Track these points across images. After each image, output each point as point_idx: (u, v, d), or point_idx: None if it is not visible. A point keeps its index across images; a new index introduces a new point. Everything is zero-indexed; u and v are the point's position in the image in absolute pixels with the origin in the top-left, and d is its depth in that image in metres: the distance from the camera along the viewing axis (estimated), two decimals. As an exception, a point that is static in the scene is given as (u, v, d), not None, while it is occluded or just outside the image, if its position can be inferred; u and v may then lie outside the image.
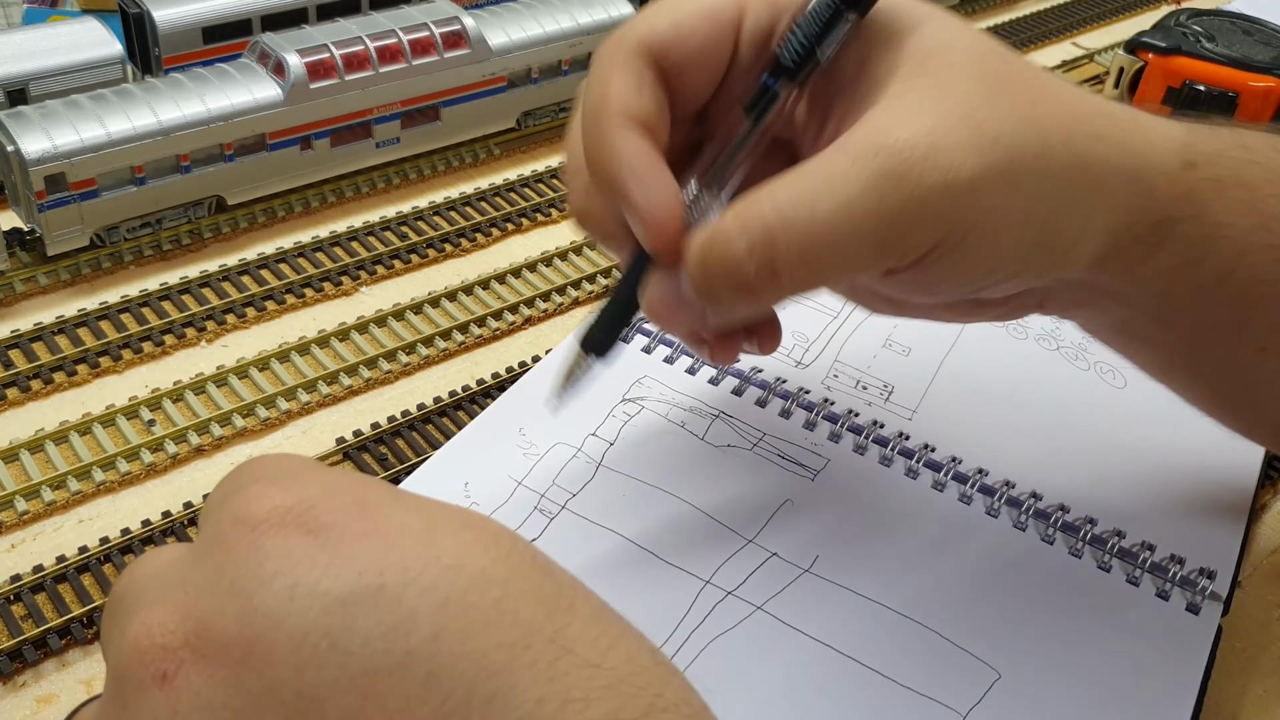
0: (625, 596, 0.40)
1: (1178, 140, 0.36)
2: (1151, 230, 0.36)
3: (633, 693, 0.24)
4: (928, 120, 0.32)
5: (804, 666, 0.38)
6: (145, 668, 0.25)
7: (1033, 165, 0.33)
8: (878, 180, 0.32)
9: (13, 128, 0.56)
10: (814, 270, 0.33)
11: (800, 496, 0.44)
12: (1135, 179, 0.35)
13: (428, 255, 0.63)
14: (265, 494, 0.26)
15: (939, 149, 0.32)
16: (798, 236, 0.32)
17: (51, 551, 0.44)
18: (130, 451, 0.49)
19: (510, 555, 0.26)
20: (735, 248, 0.33)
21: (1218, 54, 0.76)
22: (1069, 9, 1.02)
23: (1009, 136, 0.33)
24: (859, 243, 0.32)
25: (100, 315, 0.56)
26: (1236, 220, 0.36)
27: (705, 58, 0.36)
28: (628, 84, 0.35)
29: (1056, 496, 0.44)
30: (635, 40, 0.36)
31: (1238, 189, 0.36)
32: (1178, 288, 0.37)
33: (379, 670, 0.24)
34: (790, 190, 0.32)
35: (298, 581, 0.24)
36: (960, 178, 0.32)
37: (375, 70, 0.65)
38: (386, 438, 0.50)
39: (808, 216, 0.32)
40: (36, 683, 0.40)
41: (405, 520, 0.26)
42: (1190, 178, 0.36)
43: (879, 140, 0.32)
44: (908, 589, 0.41)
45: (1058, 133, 0.34)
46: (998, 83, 0.34)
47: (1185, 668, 0.39)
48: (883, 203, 0.32)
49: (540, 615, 0.25)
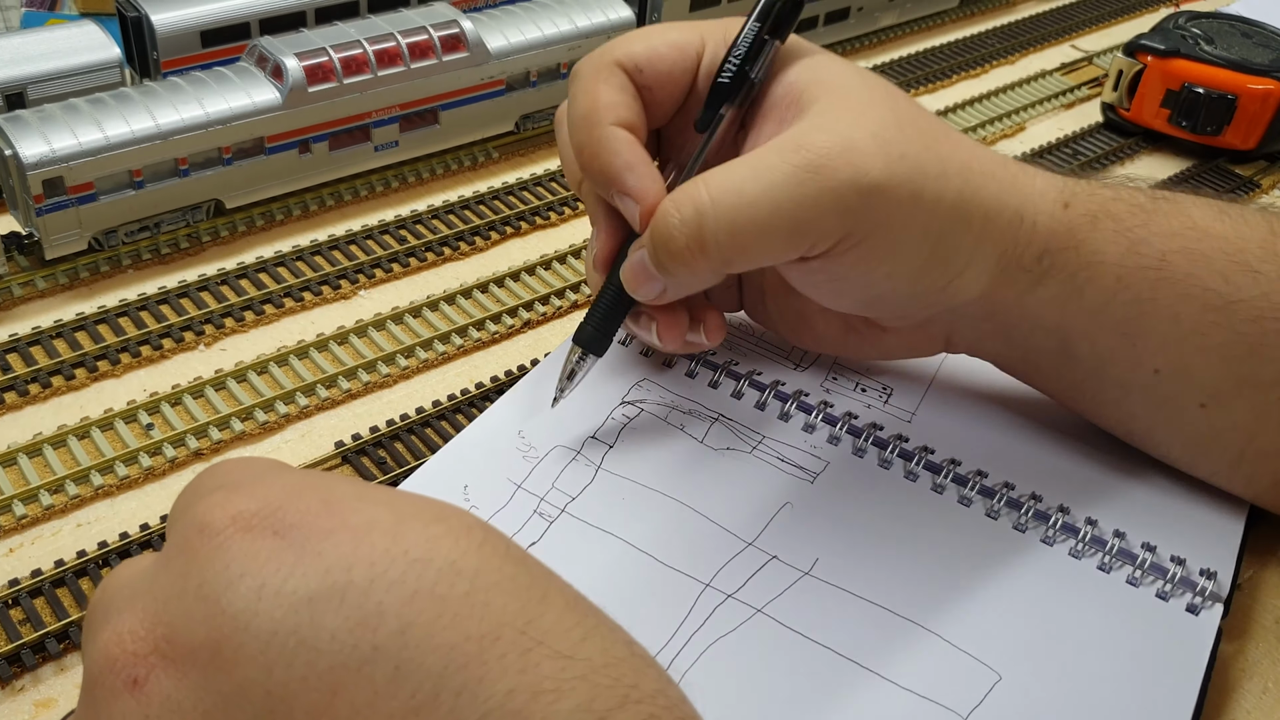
0: (625, 599, 0.40)
1: (1055, 185, 0.42)
2: (1036, 260, 0.41)
3: (607, 684, 0.25)
4: (845, 131, 0.38)
5: (804, 669, 0.38)
6: (116, 674, 0.25)
7: (933, 185, 0.39)
8: (798, 171, 0.37)
9: (10, 132, 0.56)
10: (738, 244, 0.38)
11: (800, 499, 0.44)
12: (1020, 215, 0.41)
13: (426, 259, 0.63)
14: (229, 500, 0.27)
15: (852, 151, 0.38)
16: (725, 213, 0.38)
17: (49, 556, 0.44)
18: (128, 456, 0.49)
19: (482, 547, 0.26)
20: (670, 220, 0.39)
21: (1217, 56, 0.76)
22: (1068, 11, 1.02)
23: (913, 156, 0.38)
24: (778, 222, 0.38)
25: (98, 319, 0.56)
26: (1109, 248, 0.41)
27: (672, 81, 0.43)
28: (613, 91, 0.42)
29: (1056, 498, 0.44)
30: (614, 58, 0.42)
31: (1108, 220, 0.41)
32: (1069, 317, 0.42)
33: (346, 666, 0.24)
34: (722, 175, 0.38)
35: (265, 582, 0.25)
36: (869, 179, 0.37)
37: (374, 74, 0.65)
38: (385, 441, 0.50)
39: (735, 196, 0.38)
40: (35, 687, 0.40)
41: (374, 515, 0.26)
42: (1067, 215, 0.41)
43: (801, 141, 0.38)
44: (908, 591, 0.41)
45: (954, 165, 0.40)
46: (905, 117, 0.40)
47: (1185, 669, 0.39)
48: (801, 189, 0.37)
49: (512, 607, 0.25)
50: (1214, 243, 0.41)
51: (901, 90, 0.42)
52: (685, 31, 0.44)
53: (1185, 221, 0.41)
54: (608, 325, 0.44)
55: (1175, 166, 0.78)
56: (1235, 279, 0.41)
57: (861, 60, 0.90)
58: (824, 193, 0.37)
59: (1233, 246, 0.41)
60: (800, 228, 0.38)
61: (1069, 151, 0.79)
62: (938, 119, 0.42)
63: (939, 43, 0.94)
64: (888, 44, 0.94)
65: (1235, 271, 0.41)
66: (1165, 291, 0.41)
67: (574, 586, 0.27)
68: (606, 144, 0.41)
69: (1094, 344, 0.42)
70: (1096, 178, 0.44)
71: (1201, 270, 0.41)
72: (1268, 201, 0.75)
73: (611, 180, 0.41)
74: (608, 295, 0.44)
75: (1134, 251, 0.41)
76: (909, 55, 0.91)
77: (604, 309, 0.44)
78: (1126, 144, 0.80)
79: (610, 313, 0.44)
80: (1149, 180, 0.75)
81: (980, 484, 0.45)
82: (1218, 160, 0.78)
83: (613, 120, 0.41)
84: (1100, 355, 0.42)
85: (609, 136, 0.41)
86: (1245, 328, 0.41)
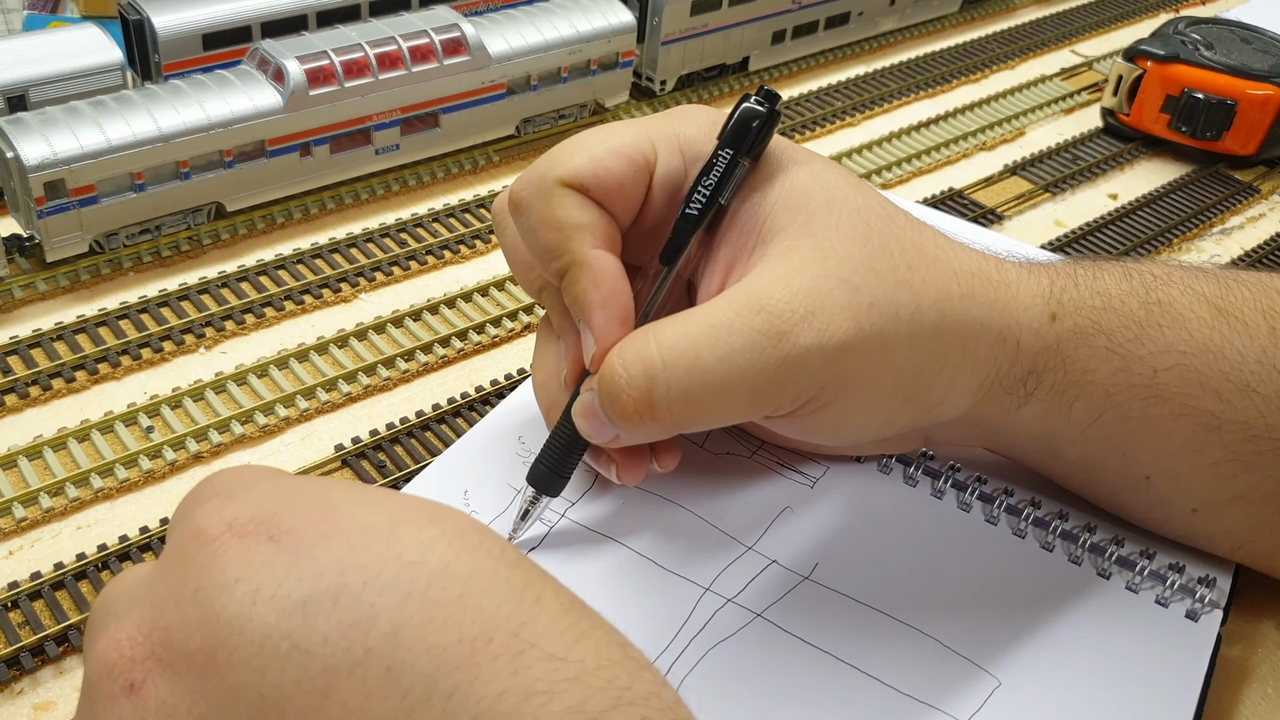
0: (625, 604, 0.40)
1: (1041, 295, 0.39)
2: (1021, 382, 0.39)
3: (600, 685, 0.25)
4: (808, 282, 0.35)
5: (804, 673, 0.38)
6: (114, 679, 0.26)
7: (905, 328, 0.36)
8: (758, 336, 0.34)
9: (12, 134, 0.56)
10: (693, 410, 0.35)
11: (799, 504, 0.44)
12: (1002, 336, 0.38)
13: (427, 262, 0.63)
14: (224, 507, 0.27)
15: (816, 312, 0.35)
16: (678, 377, 0.35)
17: (49, 558, 0.44)
18: (129, 458, 0.49)
19: (476, 550, 0.26)
20: (617, 379, 0.35)
21: (1216, 62, 0.76)
22: (1068, 17, 1.02)
23: (884, 301, 0.36)
24: (737, 390, 0.35)
25: (99, 322, 0.56)
26: (1100, 365, 0.39)
27: (623, 194, 0.38)
28: (575, 210, 0.38)
29: (1056, 504, 0.44)
30: (556, 177, 0.38)
31: (1098, 336, 0.39)
32: (1056, 428, 0.40)
33: (338, 668, 0.24)
34: (676, 334, 0.35)
35: (259, 587, 0.25)
36: (835, 339, 0.35)
37: (375, 77, 0.65)
38: (386, 445, 0.50)
39: (690, 361, 0.35)
40: (34, 690, 0.40)
41: (368, 519, 0.27)
42: (1054, 331, 0.39)
43: (762, 299, 0.35)
44: (907, 596, 0.41)
45: (930, 294, 0.37)
46: (877, 245, 0.37)
47: (1185, 675, 0.39)
48: (762, 356, 0.34)
49: (505, 609, 0.25)
50: (1209, 359, 0.39)
51: (876, 195, 0.39)
52: (629, 136, 0.39)
53: (1180, 335, 0.39)
54: (563, 465, 0.40)
55: (1175, 172, 0.78)
56: (1230, 399, 0.39)
57: (861, 65, 0.90)
58: (786, 360, 0.34)
59: (1229, 364, 0.39)
60: (760, 396, 0.35)
61: (1068, 156, 0.79)
62: (915, 227, 0.39)
63: (939, 47, 0.94)
64: (888, 49, 0.94)
65: (1231, 391, 0.39)
66: (1157, 410, 0.39)
67: (570, 590, 0.27)
68: (589, 272, 0.37)
69: (1083, 452, 0.41)
70: (1089, 263, 0.42)
71: (1195, 390, 0.39)
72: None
73: (583, 311, 0.37)
74: (563, 432, 0.40)
75: (1125, 369, 0.39)
76: (909, 60, 0.91)
77: (559, 446, 0.40)
78: (1126, 149, 0.80)
79: (566, 451, 0.40)
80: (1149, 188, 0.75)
81: (979, 490, 0.45)
82: (1217, 165, 0.78)
83: (591, 244, 0.37)
84: (1090, 461, 0.42)
85: (592, 263, 0.37)
86: (1240, 447, 0.39)
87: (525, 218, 0.38)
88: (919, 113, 0.83)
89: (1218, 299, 0.40)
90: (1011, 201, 0.73)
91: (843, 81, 0.86)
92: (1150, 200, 0.74)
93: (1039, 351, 0.39)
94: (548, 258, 0.38)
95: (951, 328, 0.37)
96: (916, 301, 0.36)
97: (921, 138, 0.80)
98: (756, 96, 0.38)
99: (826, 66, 0.90)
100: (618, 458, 0.40)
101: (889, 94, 0.86)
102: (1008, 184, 0.76)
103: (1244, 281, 0.41)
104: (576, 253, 0.37)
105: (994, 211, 0.72)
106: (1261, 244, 0.71)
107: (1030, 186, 0.75)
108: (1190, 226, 0.72)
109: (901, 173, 0.76)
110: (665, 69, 0.80)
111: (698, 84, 0.84)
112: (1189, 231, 0.72)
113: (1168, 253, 0.70)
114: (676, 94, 0.82)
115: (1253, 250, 0.70)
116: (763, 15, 0.83)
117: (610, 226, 0.38)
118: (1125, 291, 0.40)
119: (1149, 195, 0.75)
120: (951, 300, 0.37)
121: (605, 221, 0.38)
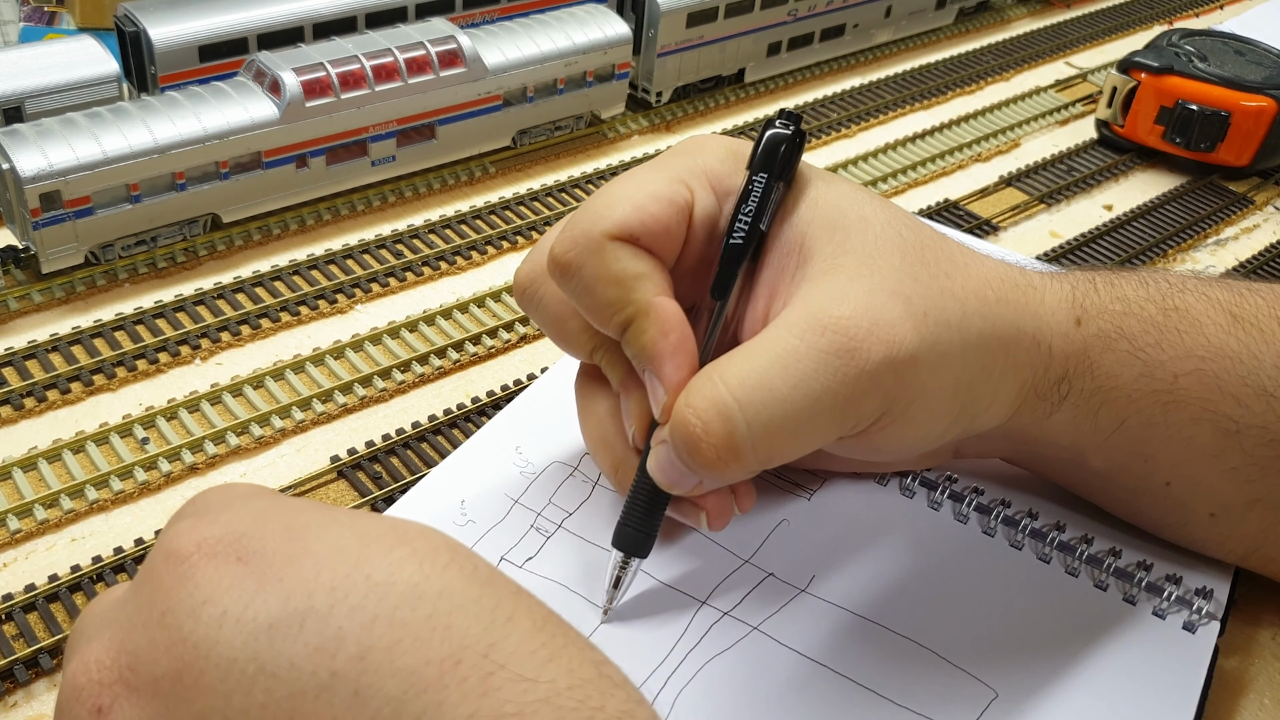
0: (622, 616, 0.40)
1: (1066, 300, 0.40)
2: (1054, 387, 0.39)
3: (571, 706, 0.24)
4: (863, 297, 0.35)
5: (801, 686, 0.38)
6: (82, 703, 0.26)
7: (957, 336, 0.36)
8: (828, 357, 0.34)
9: (8, 146, 0.56)
10: (777, 443, 0.34)
11: (796, 517, 0.44)
12: (1036, 341, 0.38)
13: (423, 273, 0.63)
14: (194, 528, 0.27)
15: (880, 324, 0.34)
16: (757, 415, 0.33)
17: (44, 570, 0.44)
18: (124, 470, 0.48)
19: (447, 569, 0.26)
20: (692, 429, 0.34)
21: (1210, 74, 0.77)
22: (1062, 29, 1.02)
23: (935, 310, 0.36)
24: (819, 414, 0.34)
25: (95, 333, 0.56)
26: (1123, 371, 0.39)
27: (670, 237, 0.38)
28: (632, 261, 0.37)
29: (1053, 515, 0.44)
30: (603, 231, 0.37)
31: (1120, 340, 0.40)
32: (1083, 436, 0.41)
33: (305, 692, 0.24)
34: (742, 370, 0.34)
35: (226, 609, 0.25)
36: (905, 351, 0.34)
37: (371, 89, 0.65)
38: (381, 456, 0.50)
39: (765, 395, 0.34)
40: (28, 703, 0.40)
41: (338, 540, 0.26)
42: (1080, 335, 0.39)
43: (822, 318, 0.34)
44: (904, 608, 0.41)
45: (972, 301, 0.37)
46: (915, 256, 0.37)
47: (1182, 687, 0.39)
48: (835, 377, 0.34)
49: (474, 630, 0.25)
50: (1226, 364, 0.39)
51: (899, 209, 0.39)
52: (662, 180, 0.38)
53: (1198, 340, 0.40)
54: (649, 523, 0.39)
55: (1169, 183, 0.78)
56: (1248, 403, 0.39)
57: (856, 77, 0.90)
58: (861, 377, 0.34)
59: (1246, 368, 0.39)
60: (841, 415, 0.35)
61: (1063, 168, 0.79)
62: (941, 238, 0.39)
63: (934, 59, 0.94)
64: (883, 60, 0.94)
65: (1248, 396, 0.39)
66: (1177, 415, 0.40)
67: (546, 606, 0.27)
68: (656, 321, 0.36)
69: (1107, 459, 0.41)
70: (1106, 271, 0.42)
71: (1214, 395, 0.39)
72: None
73: (652, 360, 0.36)
74: (643, 489, 0.39)
75: (1147, 374, 0.39)
76: (904, 72, 0.91)
77: (642, 504, 0.39)
78: (1120, 160, 0.80)
79: (649, 508, 0.39)
80: (1144, 199, 0.75)
81: (977, 501, 0.45)
82: (1211, 176, 0.78)
83: (653, 292, 0.36)
84: (1112, 468, 0.42)
85: (658, 311, 0.36)
86: (1259, 451, 0.40)
87: (577, 278, 0.37)
88: (914, 124, 0.84)
89: (1233, 306, 0.41)
90: (1007, 213, 0.73)
91: (838, 93, 0.87)
92: (1145, 211, 0.75)
93: (1068, 356, 0.39)
94: (609, 313, 0.37)
95: (994, 333, 0.37)
96: (962, 309, 0.36)
97: (917, 149, 0.80)
98: (780, 120, 0.38)
99: (822, 78, 0.90)
100: (707, 505, 0.39)
101: (884, 106, 0.86)
102: (1003, 195, 0.76)
103: (1257, 290, 0.42)
104: (640, 303, 0.36)
105: (989, 223, 0.72)
106: (1256, 255, 0.71)
107: (1025, 198, 0.75)
108: (1185, 237, 0.72)
109: (897, 184, 0.76)
110: (661, 80, 0.81)
111: (694, 95, 0.84)
112: (1184, 242, 0.72)
113: (1163, 264, 0.70)
114: (672, 105, 0.82)
115: (1247, 261, 0.70)
116: (759, 27, 0.83)
117: (664, 273, 0.38)
118: (1143, 297, 0.41)
119: (1144, 206, 0.75)
120: (990, 305, 0.37)
121: (660, 269, 0.37)
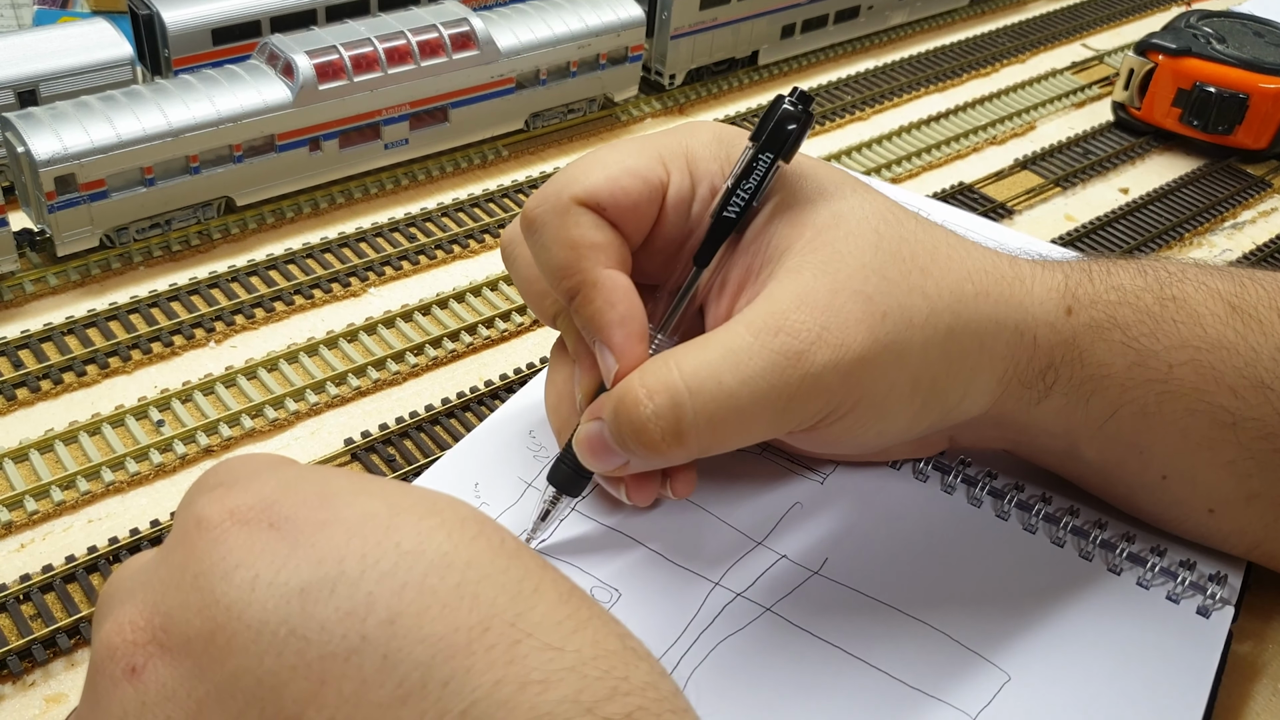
0: (635, 598, 0.40)
1: (1056, 289, 0.39)
2: (1039, 376, 0.39)
3: (596, 675, 0.25)
4: (824, 297, 0.36)
5: (813, 668, 0.38)
6: (116, 663, 0.26)
7: (919, 335, 0.36)
8: (777, 358, 0.35)
9: (23, 129, 0.56)
10: (719, 435, 0.36)
11: (809, 499, 0.44)
12: (1019, 331, 0.38)
13: (436, 256, 0.63)
14: (227, 495, 0.27)
15: (831, 328, 0.35)
16: (704, 404, 0.35)
17: (61, 551, 0.45)
18: (139, 452, 0.49)
19: (475, 540, 0.26)
20: (642, 410, 0.35)
21: (1228, 55, 0.76)
22: (1078, 10, 1.02)
23: (897, 310, 0.36)
24: (761, 412, 0.35)
25: (109, 316, 0.56)
26: (1115, 360, 0.39)
27: (638, 213, 0.38)
28: (590, 230, 0.38)
29: (1066, 499, 0.44)
30: (572, 195, 0.37)
31: (1113, 330, 0.39)
32: (1075, 425, 0.40)
33: (335, 655, 0.24)
34: (697, 360, 0.35)
35: (259, 574, 0.25)
36: (851, 354, 0.35)
37: (384, 71, 0.65)
38: (395, 439, 0.50)
39: (714, 386, 0.35)
40: (46, 682, 0.40)
41: (368, 508, 0.27)
42: (1070, 324, 0.39)
43: (778, 320, 0.35)
44: (917, 591, 0.41)
45: (945, 298, 0.37)
46: (888, 251, 0.37)
47: (1196, 672, 0.39)
48: (782, 377, 0.35)
49: (502, 599, 0.25)
50: (1223, 355, 0.39)
51: (883, 197, 0.39)
52: (642, 156, 0.39)
53: (1194, 331, 0.39)
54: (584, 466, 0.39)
55: (1186, 166, 0.78)
56: (1245, 395, 0.39)
57: (871, 60, 0.90)
58: (805, 379, 0.35)
59: (1243, 359, 0.39)
60: (781, 415, 0.36)
61: (1079, 151, 0.79)
62: (926, 229, 0.39)
63: (949, 41, 0.94)
64: (898, 42, 0.94)
65: (1245, 387, 0.39)
66: (1172, 405, 0.39)
67: (571, 580, 0.27)
68: (603, 291, 0.37)
69: (1101, 451, 0.41)
70: (1104, 260, 0.41)
71: (1210, 386, 0.39)
72: None
73: (599, 330, 0.37)
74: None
75: (1140, 364, 0.39)
76: (919, 54, 0.91)
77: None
78: (1137, 143, 0.80)
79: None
80: (1160, 182, 0.75)
81: (990, 485, 0.45)
82: (1229, 160, 0.78)
83: (604, 263, 0.37)
84: (1108, 459, 0.41)
85: (604, 283, 0.37)
86: (1256, 445, 0.39)
87: (539, 235, 0.38)
88: (929, 107, 0.83)
89: (1232, 296, 0.40)
90: (1022, 196, 0.73)
91: (852, 76, 0.86)
92: (1161, 195, 0.74)
93: (1055, 345, 0.39)
94: (559, 276, 0.38)
95: (967, 329, 0.37)
96: (930, 306, 0.37)
97: (931, 132, 0.80)
98: (791, 99, 0.38)
99: (836, 61, 0.89)
100: (627, 481, 0.40)
101: (899, 88, 0.85)
102: (1018, 178, 0.75)
103: (1259, 280, 0.41)
104: (589, 273, 0.37)
105: (1004, 206, 0.72)
106: (1273, 238, 0.71)
107: (1041, 181, 0.75)
108: (1202, 221, 0.72)
109: (911, 167, 0.75)
110: (674, 63, 0.80)
111: (707, 78, 0.83)
112: (1200, 226, 0.71)
113: (1179, 247, 0.70)
114: (686, 88, 0.82)
115: (1265, 245, 0.70)
116: (772, 9, 0.83)
117: (623, 247, 0.38)
118: (1140, 287, 0.40)
119: (1160, 189, 0.75)
120: (965, 301, 0.37)
121: (619, 242, 0.38)
